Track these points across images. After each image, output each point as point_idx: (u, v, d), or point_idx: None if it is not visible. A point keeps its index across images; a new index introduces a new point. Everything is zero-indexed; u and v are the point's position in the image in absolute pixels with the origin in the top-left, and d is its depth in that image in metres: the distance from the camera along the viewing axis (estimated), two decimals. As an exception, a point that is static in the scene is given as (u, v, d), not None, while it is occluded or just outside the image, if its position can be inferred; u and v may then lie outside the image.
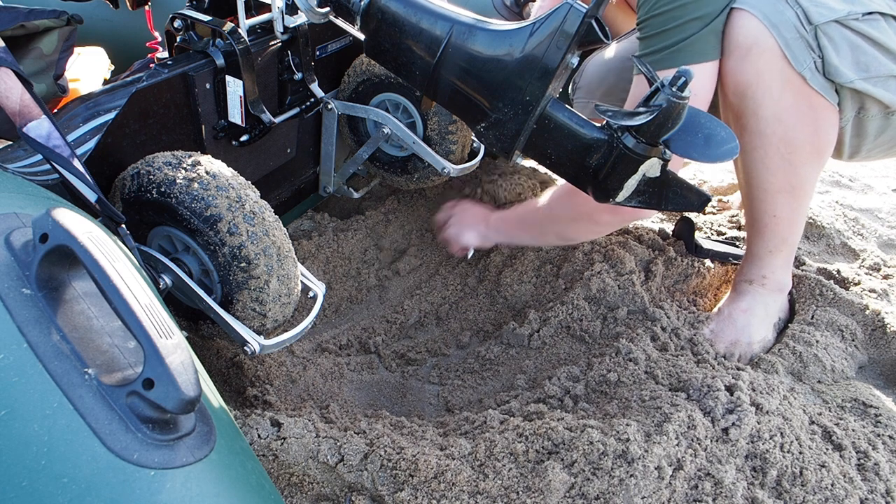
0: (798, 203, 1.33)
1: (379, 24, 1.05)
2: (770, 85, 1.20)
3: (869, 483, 1.14)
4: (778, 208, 1.34)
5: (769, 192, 1.32)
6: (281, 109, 1.47)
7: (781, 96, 1.20)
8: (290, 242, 1.12)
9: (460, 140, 1.59)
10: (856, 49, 1.17)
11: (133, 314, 0.57)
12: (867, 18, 1.16)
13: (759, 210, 1.36)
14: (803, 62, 1.17)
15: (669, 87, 0.88)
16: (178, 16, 1.26)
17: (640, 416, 1.15)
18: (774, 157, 1.27)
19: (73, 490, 0.53)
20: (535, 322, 1.51)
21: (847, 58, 1.17)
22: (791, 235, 1.38)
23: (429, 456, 1.04)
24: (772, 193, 1.32)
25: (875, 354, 1.48)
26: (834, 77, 1.17)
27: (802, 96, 1.20)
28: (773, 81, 1.20)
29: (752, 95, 1.22)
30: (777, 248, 1.39)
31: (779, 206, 1.33)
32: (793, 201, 1.32)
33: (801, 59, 1.17)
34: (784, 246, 1.39)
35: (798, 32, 1.16)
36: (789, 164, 1.27)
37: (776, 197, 1.32)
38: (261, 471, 0.69)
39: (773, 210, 1.34)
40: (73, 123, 1.06)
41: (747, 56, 1.19)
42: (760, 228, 1.38)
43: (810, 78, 1.18)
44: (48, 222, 0.60)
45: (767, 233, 1.38)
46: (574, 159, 1.01)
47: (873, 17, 1.17)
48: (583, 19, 0.90)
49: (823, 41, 1.16)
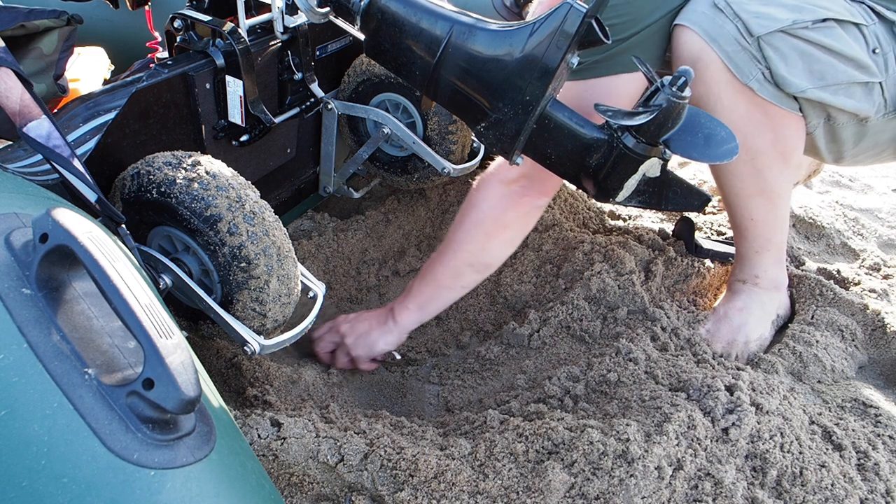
0: (773, 205, 1.33)
1: (379, 24, 1.05)
2: (720, 97, 1.20)
3: (869, 483, 1.14)
4: (754, 212, 1.34)
5: (741, 198, 1.33)
6: (281, 109, 1.47)
7: (734, 107, 1.20)
8: (290, 242, 1.12)
9: (460, 140, 1.59)
10: (807, 57, 1.15)
11: (133, 314, 0.57)
12: (819, 26, 1.14)
13: (737, 214, 1.37)
14: (749, 74, 1.17)
15: (669, 86, 0.88)
16: (178, 16, 1.26)
17: (640, 416, 1.15)
18: (739, 165, 1.27)
19: (73, 490, 0.53)
20: (535, 322, 1.51)
21: (797, 67, 1.15)
22: (774, 235, 1.39)
23: (429, 456, 1.04)
24: (744, 198, 1.33)
25: (875, 354, 1.48)
26: (784, 87, 1.16)
27: (755, 105, 1.20)
28: (723, 93, 1.19)
29: (706, 107, 1.22)
30: (763, 249, 1.40)
31: (754, 209, 1.34)
32: (768, 204, 1.32)
33: (746, 71, 1.16)
34: (770, 245, 1.40)
35: (739, 45, 1.15)
36: (755, 170, 1.27)
37: (749, 202, 1.33)
38: (261, 471, 0.69)
39: (750, 214, 1.35)
40: (73, 123, 1.06)
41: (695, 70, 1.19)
42: (742, 231, 1.39)
43: (758, 89, 1.17)
44: (48, 222, 0.60)
45: (749, 235, 1.39)
46: (574, 159, 1.01)
47: (826, 25, 1.15)
48: (583, 19, 0.90)
49: (769, 52, 1.14)
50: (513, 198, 1.36)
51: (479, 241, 1.38)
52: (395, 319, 1.45)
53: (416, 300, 1.44)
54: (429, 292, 1.43)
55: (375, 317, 1.47)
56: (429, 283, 1.43)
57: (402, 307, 1.44)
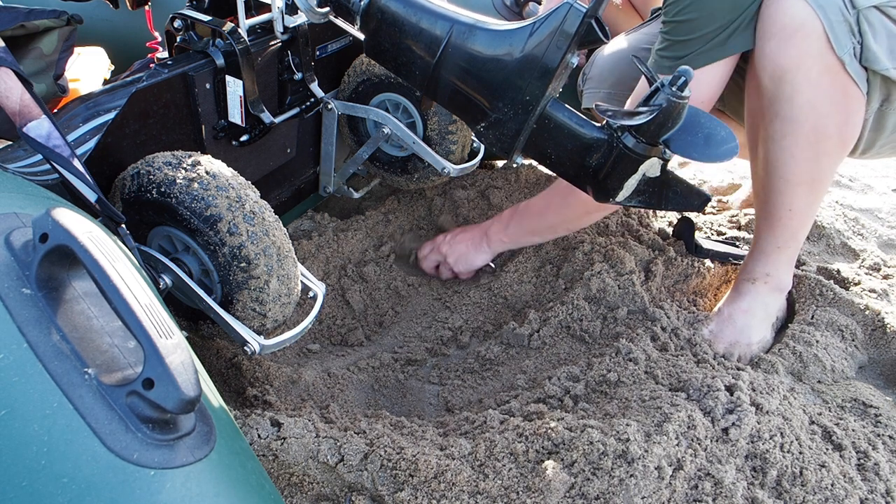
0: (814, 198, 1.33)
1: (379, 24, 1.05)
2: (810, 70, 1.18)
3: (869, 483, 1.14)
4: (795, 202, 1.32)
5: (791, 184, 1.31)
6: (281, 109, 1.47)
7: (819, 82, 1.19)
8: (290, 242, 1.12)
9: (460, 140, 1.59)
10: (892, 36, 1.16)
11: (133, 314, 0.57)
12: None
13: (776, 203, 1.35)
14: (844, 47, 1.16)
15: (669, 86, 0.88)
16: (178, 16, 1.26)
17: (640, 416, 1.15)
18: (804, 146, 1.25)
19: (73, 490, 0.53)
20: (535, 322, 1.51)
21: (884, 44, 1.16)
22: (801, 232, 1.38)
23: (429, 456, 1.04)
24: (793, 185, 1.31)
25: (875, 354, 1.48)
26: (871, 64, 1.16)
27: (838, 84, 1.19)
28: (814, 66, 1.18)
29: (791, 80, 1.20)
30: (786, 244, 1.39)
31: (797, 199, 1.32)
32: (810, 195, 1.32)
33: (843, 44, 1.15)
34: (793, 242, 1.39)
35: (843, 16, 1.14)
36: (815, 154, 1.26)
37: (796, 189, 1.31)
38: (261, 471, 0.69)
39: (790, 203, 1.33)
40: (73, 123, 1.06)
41: (791, 39, 1.17)
42: (773, 222, 1.37)
43: (849, 63, 1.16)
44: (48, 222, 0.60)
45: (780, 227, 1.37)
46: (574, 159, 1.01)
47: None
48: (582, 19, 0.90)
49: (864, 26, 1.14)
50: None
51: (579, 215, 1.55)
52: (489, 244, 1.67)
53: (511, 234, 1.64)
54: (522, 231, 1.63)
55: (471, 238, 1.68)
56: (525, 225, 1.62)
57: (497, 234, 1.66)
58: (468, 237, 1.69)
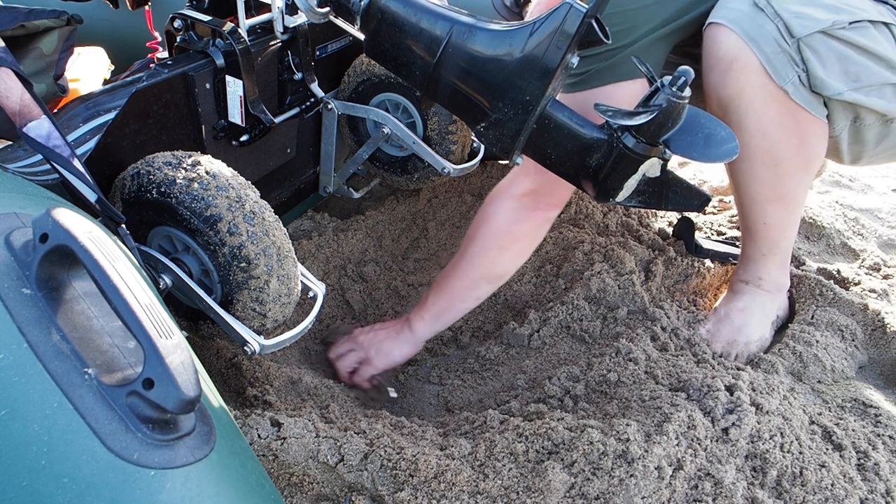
0: (788, 211, 1.33)
1: (379, 24, 1.05)
2: (752, 99, 1.18)
3: (869, 483, 1.14)
4: (768, 216, 1.33)
5: (758, 202, 1.32)
6: (281, 109, 1.47)
7: (765, 111, 1.19)
8: (290, 242, 1.12)
9: (460, 140, 1.59)
10: (844, 59, 1.14)
11: (133, 314, 0.57)
12: (855, 26, 1.13)
13: (750, 218, 1.36)
14: (785, 77, 1.15)
15: (669, 86, 0.88)
16: (178, 16, 1.26)
17: (640, 416, 1.15)
18: (761, 169, 1.26)
19: (73, 490, 0.53)
20: (535, 322, 1.51)
21: (834, 69, 1.14)
22: (784, 240, 1.38)
23: (429, 456, 1.04)
24: (760, 203, 1.32)
25: (875, 354, 1.48)
26: (821, 90, 1.15)
27: (786, 110, 1.18)
28: (756, 96, 1.18)
29: (736, 110, 1.20)
30: (771, 252, 1.39)
31: (769, 214, 1.33)
32: (782, 209, 1.32)
33: (784, 74, 1.15)
34: (777, 250, 1.39)
35: (779, 46, 1.13)
36: (776, 175, 1.26)
37: (765, 206, 1.32)
38: (261, 471, 0.69)
39: (763, 218, 1.34)
40: (73, 123, 1.06)
41: (728, 71, 1.17)
42: (753, 234, 1.39)
43: (793, 92, 1.16)
44: (48, 222, 0.60)
45: (759, 238, 1.38)
46: (574, 159, 1.01)
47: (861, 25, 1.14)
48: (583, 19, 0.90)
49: (807, 54, 1.13)
50: (524, 211, 1.38)
51: (493, 255, 1.41)
52: (411, 329, 1.47)
53: (432, 311, 1.46)
54: (443, 304, 1.46)
55: (392, 327, 1.50)
56: (443, 295, 1.45)
57: (418, 318, 1.47)
58: (388, 326, 1.51)
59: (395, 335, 1.48)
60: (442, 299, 1.46)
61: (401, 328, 1.48)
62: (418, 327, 1.47)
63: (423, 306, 1.47)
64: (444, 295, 1.46)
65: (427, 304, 1.47)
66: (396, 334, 1.48)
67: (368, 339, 1.48)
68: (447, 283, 1.46)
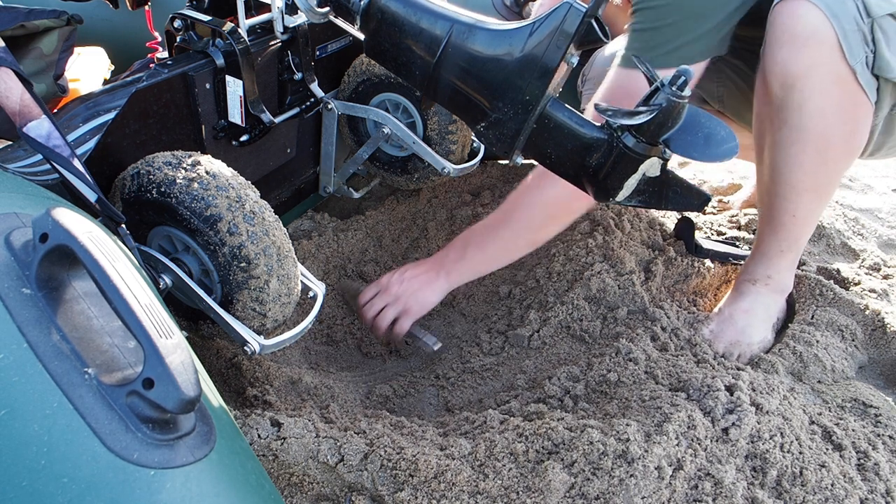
0: (819, 204, 1.32)
1: (379, 24, 1.05)
2: (821, 79, 1.17)
3: (869, 483, 1.14)
4: (800, 208, 1.32)
5: (796, 191, 1.30)
6: (281, 109, 1.47)
7: (830, 91, 1.18)
8: (290, 242, 1.12)
9: (460, 140, 1.59)
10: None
11: (133, 314, 0.57)
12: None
13: (781, 208, 1.34)
14: (857, 56, 1.15)
15: (669, 86, 0.88)
16: (178, 16, 1.26)
17: (640, 416, 1.15)
18: (811, 154, 1.25)
19: (73, 490, 0.53)
20: (535, 322, 1.51)
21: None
22: (803, 236, 1.38)
23: (429, 456, 1.04)
24: (798, 192, 1.30)
25: (875, 354, 1.48)
26: (884, 72, 1.15)
27: (848, 93, 1.18)
28: (825, 75, 1.17)
29: (801, 88, 1.19)
30: (788, 248, 1.39)
31: (801, 205, 1.32)
32: (815, 201, 1.31)
33: (856, 53, 1.15)
34: (795, 246, 1.39)
35: (857, 24, 1.13)
36: (823, 162, 1.25)
37: (801, 196, 1.30)
38: (261, 471, 0.69)
39: (795, 209, 1.33)
40: (73, 123, 1.06)
41: (804, 47, 1.16)
42: (777, 227, 1.37)
43: (860, 73, 1.16)
44: (48, 222, 0.60)
45: (783, 231, 1.36)
46: (574, 159, 1.01)
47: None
48: (582, 19, 0.90)
49: (878, 35, 1.14)
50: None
51: (543, 222, 1.43)
52: (448, 278, 1.49)
53: (469, 265, 1.48)
54: (482, 259, 1.48)
55: (426, 273, 1.50)
56: (485, 251, 1.47)
57: (455, 268, 1.48)
58: (421, 271, 1.50)
59: (431, 283, 1.49)
60: (482, 255, 1.48)
61: (436, 275, 1.49)
62: (454, 277, 1.49)
63: (462, 256, 1.49)
64: (485, 251, 1.47)
65: (466, 256, 1.48)
66: (432, 282, 1.49)
67: (404, 290, 1.48)
68: (489, 241, 1.47)
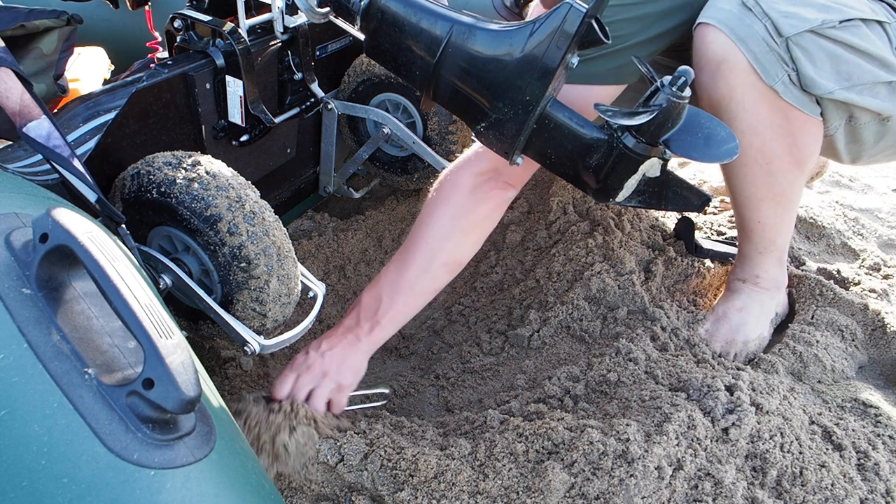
0: (782, 209, 1.32)
1: (379, 24, 1.05)
2: (743, 99, 1.18)
3: (869, 483, 1.14)
4: (763, 215, 1.33)
5: (752, 201, 1.32)
6: (281, 109, 1.47)
7: (756, 110, 1.18)
8: (290, 242, 1.12)
9: (460, 140, 1.59)
10: (835, 58, 1.13)
11: (133, 314, 0.57)
12: (846, 25, 1.13)
13: (745, 217, 1.36)
14: (775, 76, 1.14)
15: (669, 86, 0.88)
16: (178, 16, 1.27)
17: (640, 416, 1.15)
18: (753, 168, 1.26)
19: (73, 490, 0.53)
20: (535, 322, 1.51)
21: (825, 68, 1.13)
22: (779, 238, 1.38)
23: (429, 456, 1.04)
24: (755, 202, 1.32)
25: (875, 354, 1.48)
26: (811, 89, 1.14)
27: (777, 109, 1.18)
28: (746, 96, 1.17)
29: (726, 109, 1.20)
30: (766, 250, 1.40)
31: (763, 213, 1.33)
32: (777, 208, 1.32)
33: (773, 74, 1.14)
34: (773, 248, 1.39)
35: (768, 46, 1.13)
36: (769, 174, 1.26)
37: (759, 205, 1.32)
38: (261, 471, 0.69)
39: (758, 217, 1.34)
40: (73, 123, 1.06)
41: (717, 72, 1.17)
42: (748, 232, 1.39)
43: (783, 92, 1.15)
44: (48, 222, 0.60)
45: (755, 237, 1.38)
46: (574, 159, 1.01)
47: (853, 24, 1.13)
48: (583, 19, 0.90)
49: (797, 53, 1.12)
50: (482, 191, 1.28)
51: (454, 239, 1.28)
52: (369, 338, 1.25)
53: (389, 314, 1.26)
54: (403, 301, 1.27)
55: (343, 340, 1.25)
56: (402, 292, 1.26)
57: (373, 323, 1.25)
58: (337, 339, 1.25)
59: (353, 347, 1.25)
60: (400, 297, 1.26)
61: (356, 338, 1.25)
62: (376, 334, 1.25)
63: (377, 309, 1.26)
64: (402, 292, 1.26)
65: (382, 305, 1.25)
66: (353, 346, 1.25)
67: (326, 364, 1.22)
68: (404, 279, 1.27)
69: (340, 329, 1.27)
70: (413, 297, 1.28)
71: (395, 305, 1.26)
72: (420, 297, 1.30)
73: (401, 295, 1.26)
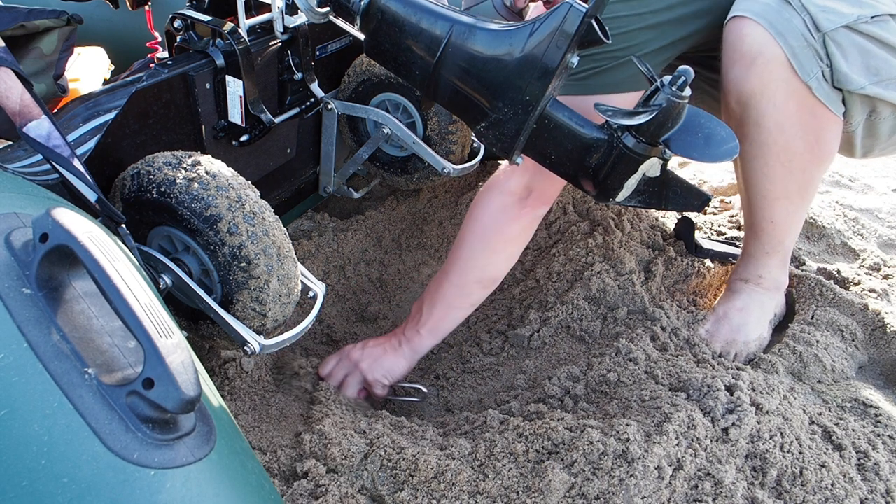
0: (796, 209, 1.33)
1: (379, 24, 1.05)
2: (774, 95, 1.18)
3: (869, 483, 1.14)
4: (776, 214, 1.33)
5: (768, 199, 1.32)
6: (281, 109, 1.47)
7: (785, 106, 1.18)
8: (290, 242, 1.12)
9: (460, 140, 1.59)
10: (865, 53, 1.14)
11: (133, 314, 0.57)
12: (877, 20, 1.14)
13: (757, 215, 1.36)
14: (810, 72, 1.14)
15: (669, 86, 0.88)
16: (178, 16, 1.26)
17: (640, 416, 1.15)
18: (775, 166, 1.26)
19: (73, 490, 0.53)
20: (535, 322, 1.51)
21: (856, 63, 1.14)
22: (787, 238, 1.39)
23: (429, 456, 1.04)
24: (770, 200, 1.32)
25: (875, 354, 1.48)
26: (843, 85, 1.15)
27: (806, 107, 1.18)
28: (778, 91, 1.17)
29: (756, 105, 1.20)
30: (773, 250, 1.40)
31: (777, 212, 1.33)
32: (791, 207, 1.32)
33: (808, 69, 1.14)
34: (780, 248, 1.40)
35: (806, 41, 1.13)
36: (789, 172, 1.26)
37: (774, 204, 1.32)
38: (261, 471, 0.69)
39: (771, 216, 1.34)
40: (73, 123, 1.06)
41: (752, 66, 1.17)
42: (758, 232, 1.38)
43: (816, 88, 1.15)
44: (48, 222, 0.60)
45: (764, 236, 1.38)
46: (574, 159, 1.01)
47: (882, 19, 1.14)
48: (582, 19, 0.90)
49: (832, 48, 1.13)
50: (514, 210, 1.35)
51: (486, 258, 1.38)
52: (409, 345, 1.41)
53: (428, 324, 1.40)
54: (439, 314, 1.40)
55: (386, 342, 1.42)
56: (438, 305, 1.39)
57: (414, 332, 1.41)
58: (382, 341, 1.43)
59: (393, 352, 1.41)
60: (437, 310, 1.40)
61: (398, 344, 1.41)
62: (416, 342, 1.41)
63: (419, 319, 1.41)
64: (438, 305, 1.40)
65: (422, 316, 1.41)
66: (394, 351, 1.41)
67: (365, 360, 1.39)
68: (440, 292, 1.40)
69: (390, 333, 1.44)
70: (450, 310, 1.41)
71: (433, 317, 1.39)
72: (457, 310, 1.42)
73: (437, 308, 1.39)
